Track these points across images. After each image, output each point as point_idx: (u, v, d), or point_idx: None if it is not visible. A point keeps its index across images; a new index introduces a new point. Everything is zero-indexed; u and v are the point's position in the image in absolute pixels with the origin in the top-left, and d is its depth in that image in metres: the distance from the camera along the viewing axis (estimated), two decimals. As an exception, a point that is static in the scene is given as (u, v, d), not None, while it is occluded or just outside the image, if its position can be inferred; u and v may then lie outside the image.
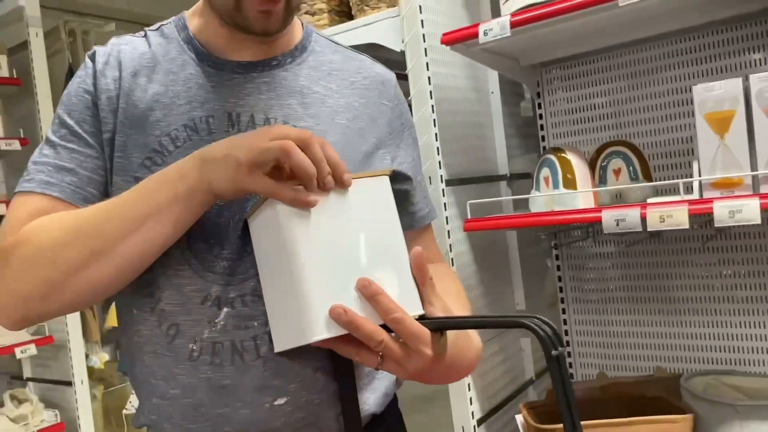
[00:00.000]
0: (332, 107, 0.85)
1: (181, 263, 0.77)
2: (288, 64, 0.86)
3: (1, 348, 2.50)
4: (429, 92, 1.51)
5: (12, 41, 2.67)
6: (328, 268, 0.66)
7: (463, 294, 0.92)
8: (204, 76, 0.82)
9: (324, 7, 1.78)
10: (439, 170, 1.52)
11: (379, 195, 0.71)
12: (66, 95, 0.84)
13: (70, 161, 0.79)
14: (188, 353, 0.76)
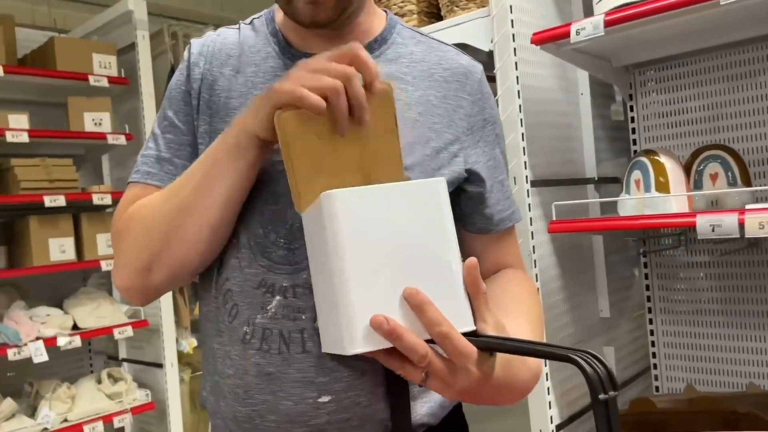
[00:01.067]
0: (405, 101, 0.84)
1: (245, 247, 0.79)
2: None
3: (102, 329, 2.69)
4: (517, 91, 1.50)
5: (121, 43, 2.87)
6: (372, 277, 0.63)
7: (533, 305, 0.87)
8: (283, 69, 0.85)
9: (414, 8, 1.80)
10: (524, 170, 1.51)
11: (433, 201, 0.66)
12: (168, 88, 0.91)
13: (168, 151, 0.86)
14: (242, 335, 0.78)
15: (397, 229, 0.64)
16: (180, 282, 0.83)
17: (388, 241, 0.64)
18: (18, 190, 2.49)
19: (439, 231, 0.66)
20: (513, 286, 0.90)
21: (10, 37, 2.66)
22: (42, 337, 2.48)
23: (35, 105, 2.79)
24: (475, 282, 0.65)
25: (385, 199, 0.65)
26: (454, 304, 0.64)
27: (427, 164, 0.83)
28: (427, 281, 0.64)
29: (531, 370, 0.73)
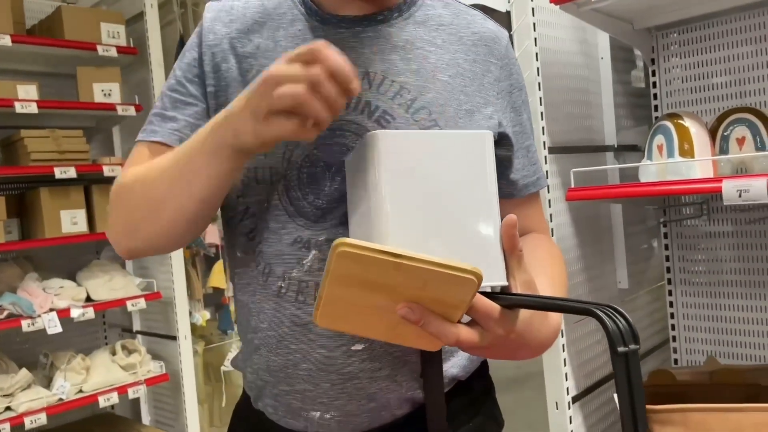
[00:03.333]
0: (434, 63, 0.83)
1: (278, 209, 0.79)
2: (394, 18, 0.84)
3: (115, 300, 2.70)
4: (535, 54, 1.45)
5: (129, 12, 2.83)
6: (410, 219, 0.63)
7: (558, 269, 0.86)
8: (311, 31, 0.82)
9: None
10: (542, 136, 1.46)
11: (478, 153, 0.66)
12: (183, 50, 0.88)
13: (173, 109, 0.84)
14: (276, 289, 0.78)
15: (440, 175, 0.64)
16: (161, 252, 0.85)
17: (429, 185, 0.64)
18: (28, 162, 2.48)
19: (481, 182, 0.66)
20: (538, 250, 0.88)
21: (17, 6, 2.62)
22: (55, 309, 2.49)
23: (44, 75, 2.76)
24: (512, 239, 0.65)
25: (430, 145, 0.65)
26: (488, 256, 0.65)
27: (461, 125, 0.82)
28: (465, 230, 0.65)
29: (551, 327, 0.72)
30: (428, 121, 0.80)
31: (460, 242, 0.64)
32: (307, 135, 0.64)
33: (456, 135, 0.67)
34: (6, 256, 2.70)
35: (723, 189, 1.17)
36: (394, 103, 0.79)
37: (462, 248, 0.64)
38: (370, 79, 0.80)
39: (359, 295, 0.60)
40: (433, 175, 0.64)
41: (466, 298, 0.60)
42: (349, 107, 0.79)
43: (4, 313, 2.38)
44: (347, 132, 0.78)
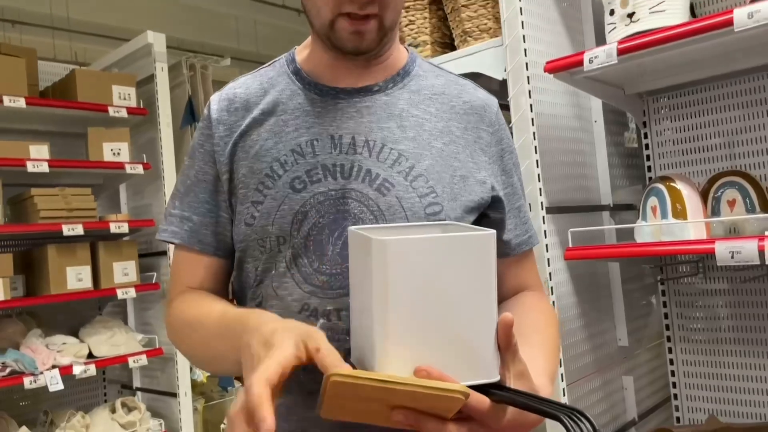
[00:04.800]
0: (429, 131, 0.88)
1: (286, 276, 0.83)
2: (389, 89, 0.90)
3: (116, 357, 2.69)
4: (531, 119, 1.51)
5: (140, 75, 2.93)
6: (411, 322, 0.64)
7: (549, 331, 0.89)
8: (310, 104, 0.88)
9: (427, 39, 1.83)
10: (539, 197, 1.51)
11: (482, 254, 0.67)
12: (191, 146, 0.95)
13: (189, 209, 0.92)
14: None
15: (444, 278, 0.66)
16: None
17: (432, 288, 0.65)
18: (37, 219, 2.53)
19: (483, 283, 0.67)
20: (531, 312, 0.91)
21: (32, 70, 2.73)
22: (58, 366, 2.49)
23: (56, 135, 2.85)
24: (508, 337, 0.67)
25: (436, 250, 0.65)
26: (483, 355, 0.67)
27: (456, 191, 0.86)
28: (463, 330, 0.66)
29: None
30: (425, 188, 0.84)
31: (457, 342, 0.66)
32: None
33: (461, 238, 0.67)
34: (10, 312, 2.72)
35: (716, 250, 1.20)
36: (393, 171, 0.84)
37: (458, 348, 0.66)
38: (370, 147, 0.85)
39: (356, 403, 0.64)
40: (436, 277, 0.65)
41: (455, 408, 0.63)
42: (352, 175, 0.83)
43: (7, 370, 2.38)
44: (350, 200, 0.82)
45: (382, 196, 0.83)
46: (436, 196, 0.84)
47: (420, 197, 0.83)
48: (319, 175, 0.83)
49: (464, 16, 1.67)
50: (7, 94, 2.42)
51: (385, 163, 0.84)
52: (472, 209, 0.88)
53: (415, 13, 1.84)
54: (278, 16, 5.36)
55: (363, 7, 0.79)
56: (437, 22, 1.84)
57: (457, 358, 0.66)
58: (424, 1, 1.83)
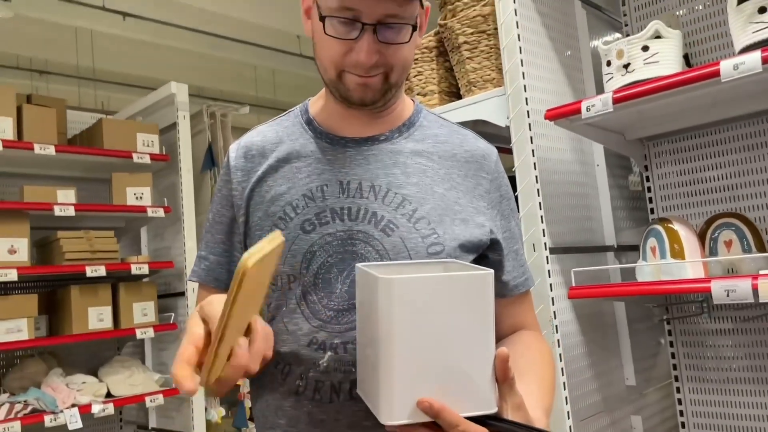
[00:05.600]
0: (432, 177, 0.94)
1: (296, 312, 0.88)
2: (395, 138, 0.97)
3: (134, 396, 2.74)
4: (533, 164, 1.58)
5: (163, 123, 3.07)
6: (415, 357, 0.69)
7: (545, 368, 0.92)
8: (321, 152, 0.95)
9: (435, 89, 1.93)
10: (543, 238, 1.56)
11: (480, 291, 0.72)
12: (215, 192, 1.03)
13: (206, 249, 1.00)
14: (295, 388, 0.86)
15: (446, 314, 0.70)
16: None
17: (435, 324, 0.70)
18: (62, 261, 2.62)
19: (481, 319, 0.72)
20: (528, 350, 0.96)
21: (61, 118, 2.87)
22: (77, 405, 2.54)
23: (82, 180, 2.98)
24: (505, 371, 0.72)
25: (438, 288, 0.70)
26: (481, 388, 0.72)
27: (456, 233, 0.91)
28: (464, 363, 0.71)
29: None
30: (428, 229, 0.90)
31: (457, 375, 0.70)
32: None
33: (462, 277, 0.72)
34: (33, 352, 2.79)
35: (712, 289, 1.25)
36: (397, 214, 0.90)
37: (458, 380, 0.71)
38: (376, 191, 0.91)
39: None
40: (438, 314, 0.70)
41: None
42: (358, 218, 0.90)
43: (29, 408, 2.44)
44: (357, 240, 0.89)
45: (387, 237, 0.88)
46: (437, 237, 0.90)
47: (422, 238, 0.89)
48: (327, 218, 0.90)
49: (469, 68, 1.77)
50: (38, 142, 2.56)
51: (390, 206, 0.90)
52: (471, 250, 0.94)
53: (423, 65, 1.94)
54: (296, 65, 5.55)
55: (368, 71, 0.87)
56: (444, 72, 1.93)
57: (457, 390, 0.71)
58: (431, 54, 1.93)
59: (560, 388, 1.52)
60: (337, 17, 0.84)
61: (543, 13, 1.76)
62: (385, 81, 0.89)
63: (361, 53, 0.84)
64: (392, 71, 0.89)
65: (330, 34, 0.85)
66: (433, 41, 1.92)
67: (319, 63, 0.91)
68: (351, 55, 0.85)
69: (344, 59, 0.86)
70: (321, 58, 0.90)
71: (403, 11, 0.84)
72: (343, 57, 0.86)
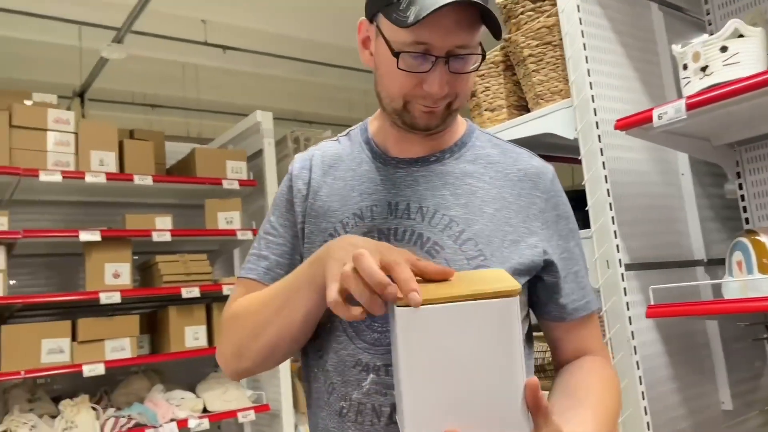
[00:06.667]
0: (482, 197, 0.93)
1: (339, 330, 0.89)
2: (446, 159, 0.97)
3: (227, 412, 2.87)
4: (604, 177, 1.52)
5: (250, 150, 3.23)
6: (434, 386, 0.68)
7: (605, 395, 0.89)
8: (375, 172, 0.97)
9: (503, 104, 1.90)
10: (617, 254, 1.49)
11: (503, 318, 0.69)
12: (275, 196, 1.06)
13: (266, 249, 0.99)
14: (339, 409, 0.87)
15: (464, 344, 0.68)
16: (265, 369, 0.94)
17: (454, 354, 0.68)
18: (160, 283, 2.81)
19: (503, 346, 0.69)
20: (589, 376, 0.92)
21: (159, 150, 3.10)
22: (176, 419, 2.69)
23: (178, 207, 3.18)
24: (536, 400, 0.70)
25: (456, 316, 0.68)
26: (512, 418, 0.69)
27: (506, 255, 0.89)
28: (489, 392, 0.69)
29: None
30: (474, 251, 0.88)
31: (482, 404, 0.68)
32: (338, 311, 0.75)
33: (482, 305, 0.68)
34: (137, 369, 3.00)
35: (805, 307, 1.14)
36: (443, 235, 0.89)
37: (483, 410, 0.69)
38: (423, 212, 0.91)
39: None
40: (455, 344, 0.68)
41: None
42: (404, 239, 0.90)
43: (132, 422, 2.61)
44: None
45: (432, 258, 0.88)
46: (484, 259, 0.88)
47: (468, 259, 0.88)
48: (374, 238, 0.89)
49: (535, 81, 1.73)
50: (137, 173, 2.77)
51: (437, 228, 0.90)
52: (522, 272, 0.91)
53: (491, 80, 1.92)
54: None
55: (435, 102, 0.88)
56: (512, 87, 1.90)
57: (485, 421, 0.69)
58: (498, 68, 1.91)
59: (641, 412, 1.43)
60: (410, 52, 0.84)
61: (614, 18, 1.69)
62: (447, 108, 0.90)
63: (434, 85, 0.85)
64: (456, 99, 0.90)
65: (403, 69, 0.85)
66: (500, 56, 1.90)
67: (384, 93, 0.92)
68: (422, 87, 0.86)
69: (414, 90, 0.87)
70: (388, 89, 0.91)
71: (471, 41, 0.85)
72: (413, 89, 0.87)
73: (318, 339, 0.92)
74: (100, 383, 2.88)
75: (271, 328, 0.88)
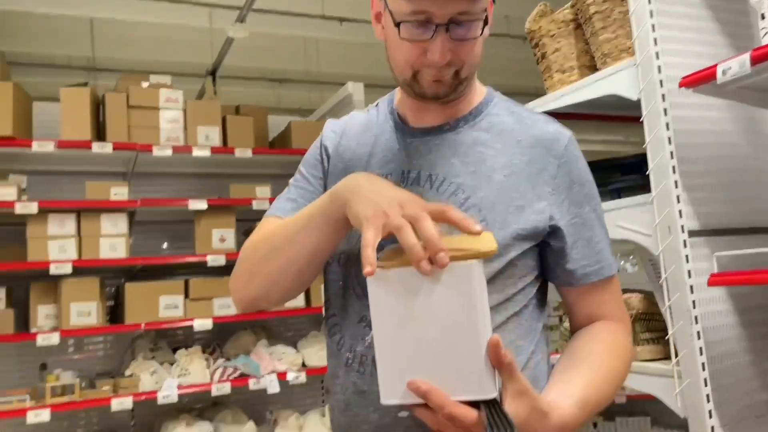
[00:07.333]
0: (491, 165, 0.95)
1: (349, 290, 0.97)
2: (460, 127, 0.99)
3: (323, 367, 3.06)
4: (667, 138, 1.44)
5: (345, 120, 3.35)
6: (401, 343, 0.74)
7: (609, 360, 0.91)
8: (394, 141, 1.02)
9: (574, 65, 1.83)
10: (678, 219, 1.42)
11: (465, 281, 0.74)
12: (306, 153, 1.13)
13: (295, 194, 1.06)
14: (345, 360, 0.95)
15: (428, 304, 0.74)
16: (272, 302, 1.01)
17: (418, 314, 0.74)
18: (262, 248, 3.03)
19: (466, 307, 0.74)
20: (593, 341, 0.94)
21: (262, 124, 3.30)
22: (276, 371, 2.93)
23: (276, 177, 3.38)
24: (498, 357, 0.74)
25: (420, 278, 0.74)
26: (474, 373, 0.74)
27: (509, 220, 0.92)
28: (453, 350, 0.74)
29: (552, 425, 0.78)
30: (477, 217, 0.91)
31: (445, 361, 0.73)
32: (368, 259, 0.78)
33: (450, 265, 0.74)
34: (246, 325, 3.28)
35: None
36: (449, 202, 0.92)
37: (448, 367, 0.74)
38: (432, 180, 0.95)
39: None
40: (420, 304, 0.74)
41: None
42: None
43: (238, 372, 2.89)
44: None
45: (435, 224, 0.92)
46: (486, 225, 0.91)
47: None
48: None
49: (602, 39, 1.65)
50: (238, 147, 2.99)
51: (443, 195, 0.93)
52: (525, 237, 0.92)
53: (561, 40, 1.86)
54: (506, 46, 5.13)
55: (440, 70, 0.90)
56: (583, 46, 1.82)
57: (450, 376, 0.74)
58: (569, 27, 1.84)
59: (700, 383, 1.37)
60: (411, 21, 0.87)
61: (689, -35, 1.57)
62: (456, 77, 0.92)
63: (435, 53, 0.88)
64: (463, 67, 0.92)
65: (405, 38, 0.89)
66: (570, 14, 1.82)
67: (393, 65, 0.96)
68: (425, 56, 0.89)
69: (419, 60, 0.90)
70: (396, 61, 0.94)
71: (472, 7, 0.87)
72: (417, 58, 0.90)
73: (332, 296, 1.00)
74: (214, 337, 3.20)
75: (280, 254, 0.94)
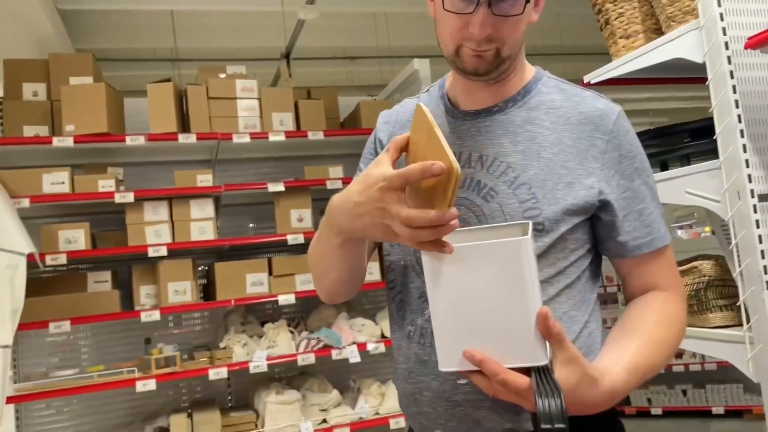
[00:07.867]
0: (540, 143, 0.98)
1: (409, 267, 1.04)
2: (509, 108, 1.02)
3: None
4: (734, 101, 1.41)
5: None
6: (455, 316, 0.81)
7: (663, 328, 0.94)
8: (445, 125, 1.06)
9: (639, 29, 1.80)
10: (748, 184, 1.39)
11: (514, 256, 0.79)
12: (365, 148, 1.21)
13: None
14: (407, 332, 1.02)
15: (482, 279, 0.80)
16: (342, 300, 1.13)
17: (470, 288, 0.81)
18: (337, 225, 3.16)
19: (515, 281, 0.79)
20: (645, 311, 0.97)
21: (332, 105, 3.40)
22: (356, 342, 3.07)
23: (348, 157, 3.48)
24: (547, 328, 0.79)
25: (473, 255, 0.80)
26: (525, 342, 0.80)
27: (558, 197, 0.96)
28: (504, 321, 0.80)
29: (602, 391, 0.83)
30: (527, 194, 0.95)
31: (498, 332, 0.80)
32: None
33: (487, 246, 0.80)
34: (326, 299, 3.43)
35: None
36: (499, 181, 0.97)
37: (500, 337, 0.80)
38: (483, 161, 1.00)
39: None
40: (476, 280, 0.80)
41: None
42: (464, 186, 0.99)
43: (321, 343, 3.05)
44: (460, 207, 0.98)
45: (487, 203, 0.97)
46: (536, 202, 0.95)
47: (520, 203, 0.95)
48: None
49: (665, 1, 1.62)
50: (310, 130, 3.11)
51: (494, 175, 0.98)
52: (574, 212, 0.96)
53: (624, 4, 1.83)
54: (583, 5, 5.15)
55: (480, 45, 0.94)
56: (648, 9, 1.79)
57: (502, 345, 0.80)
58: (631, -8, 1.80)
59: (773, 349, 1.36)
60: None
61: None
62: (497, 55, 0.95)
63: (475, 26, 0.91)
64: (504, 46, 0.95)
65: (448, 9, 0.93)
66: (633, -23, 1.79)
67: (440, 40, 1.00)
68: (467, 29, 0.93)
69: (461, 33, 0.94)
70: (441, 34, 0.98)
71: None
72: (459, 31, 0.94)
73: (392, 273, 1.07)
74: (298, 311, 3.38)
75: (325, 278, 1.08)
